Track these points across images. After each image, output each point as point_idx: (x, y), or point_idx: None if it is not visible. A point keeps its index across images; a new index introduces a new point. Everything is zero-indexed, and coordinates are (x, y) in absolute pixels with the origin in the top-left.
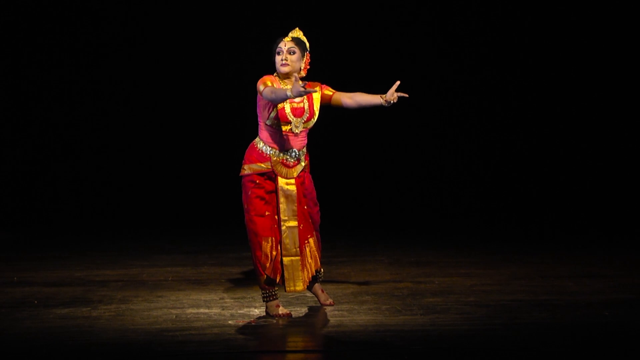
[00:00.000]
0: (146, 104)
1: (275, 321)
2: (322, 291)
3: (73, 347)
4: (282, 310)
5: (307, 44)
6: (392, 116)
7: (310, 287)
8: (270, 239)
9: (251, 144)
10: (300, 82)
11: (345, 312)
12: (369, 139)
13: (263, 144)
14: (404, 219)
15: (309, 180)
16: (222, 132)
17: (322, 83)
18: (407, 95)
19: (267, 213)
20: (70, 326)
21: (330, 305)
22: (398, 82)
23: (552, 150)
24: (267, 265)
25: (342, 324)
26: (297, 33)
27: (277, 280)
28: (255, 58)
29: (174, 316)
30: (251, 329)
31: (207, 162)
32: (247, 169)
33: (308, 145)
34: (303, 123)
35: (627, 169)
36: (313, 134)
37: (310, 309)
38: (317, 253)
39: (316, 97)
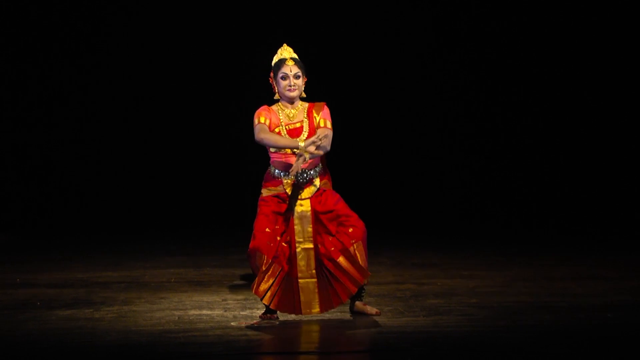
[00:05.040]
0: (150, 105)
1: (277, 323)
2: (365, 304)
3: (75, 349)
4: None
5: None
6: (394, 118)
7: (351, 308)
8: (263, 256)
9: (268, 169)
10: (307, 155)
11: (348, 313)
12: (373, 141)
13: (274, 168)
14: (406, 221)
15: (331, 198)
16: (227, 134)
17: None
18: (320, 142)
19: (267, 230)
20: (72, 328)
21: (376, 314)
22: (318, 133)
23: (554, 152)
24: (258, 281)
25: (345, 325)
26: (289, 51)
27: (270, 305)
28: (266, 59)
29: (177, 318)
30: (254, 330)
31: (209, 164)
32: (263, 192)
33: (327, 158)
34: (304, 142)
35: (628, 171)
36: None
37: None
38: (352, 271)
39: (318, 112)
